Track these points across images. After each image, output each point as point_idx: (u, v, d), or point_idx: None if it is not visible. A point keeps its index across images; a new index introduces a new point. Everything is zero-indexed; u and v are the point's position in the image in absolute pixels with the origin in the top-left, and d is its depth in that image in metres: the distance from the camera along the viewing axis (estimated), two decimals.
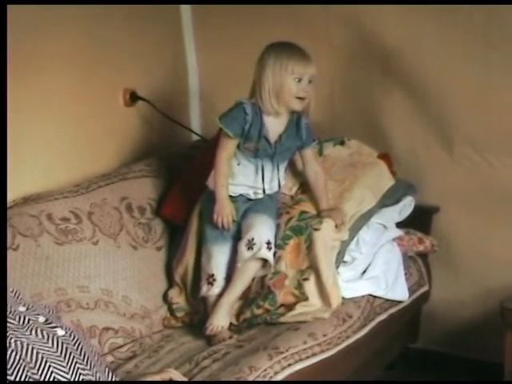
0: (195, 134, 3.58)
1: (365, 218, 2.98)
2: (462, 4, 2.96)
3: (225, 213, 2.72)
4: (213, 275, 2.75)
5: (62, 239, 2.68)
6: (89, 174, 3.06)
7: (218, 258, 2.76)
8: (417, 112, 3.22)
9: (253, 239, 2.70)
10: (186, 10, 3.55)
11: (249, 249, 2.69)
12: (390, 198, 3.10)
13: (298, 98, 2.73)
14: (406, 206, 3.15)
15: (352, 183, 3.00)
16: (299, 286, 2.77)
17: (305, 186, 2.97)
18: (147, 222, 2.99)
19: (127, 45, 3.25)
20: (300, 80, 2.71)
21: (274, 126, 2.77)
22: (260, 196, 2.82)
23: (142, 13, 3.28)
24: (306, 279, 2.77)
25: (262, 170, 2.77)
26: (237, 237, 2.78)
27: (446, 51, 3.07)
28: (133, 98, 3.30)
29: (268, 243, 2.71)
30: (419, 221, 3.24)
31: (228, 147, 2.74)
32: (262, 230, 2.73)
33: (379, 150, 3.19)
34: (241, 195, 2.81)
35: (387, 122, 3.30)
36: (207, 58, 3.60)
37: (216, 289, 2.75)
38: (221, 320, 2.69)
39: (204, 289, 2.77)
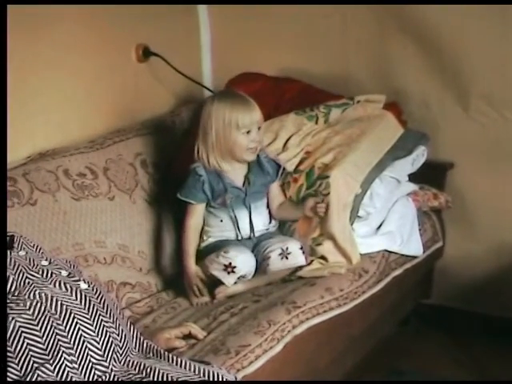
0: (207, 89, 3.55)
1: (376, 170, 2.94)
2: None
3: (193, 285, 2.65)
4: (233, 266, 2.57)
5: (79, 194, 2.67)
6: (102, 130, 3.05)
7: (242, 253, 2.61)
8: (432, 67, 3.18)
9: (287, 248, 2.62)
10: None
11: (283, 258, 2.62)
12: (401, 150, 3.05)
13: (250, 148, 2.64)
14: (418, 157, 3.10)
15: (359, 136, 2.95)
16: (313, 252, 2.75)
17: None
18: (162, 178, 2.99)
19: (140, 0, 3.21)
20: (249, 132, 2.62)
21: (235, 172, 2.69)
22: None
23: None
24: (318, 244, 2.76)
25: (236, 219, 2.69)
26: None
27: (463, 5, 3.02)
28: (145, 53, 3.27)
29: (301, 248, 2.65)
30: (433, 177, 3.23)
31: (195, 213, 2.70)
32: (291, 239, 2.68)
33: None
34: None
35: (402, 78, 3.26)
36: (219, 12, 3.56)
37: (231, 279, 2.59)
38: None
39: (219, 275, 2.60)
